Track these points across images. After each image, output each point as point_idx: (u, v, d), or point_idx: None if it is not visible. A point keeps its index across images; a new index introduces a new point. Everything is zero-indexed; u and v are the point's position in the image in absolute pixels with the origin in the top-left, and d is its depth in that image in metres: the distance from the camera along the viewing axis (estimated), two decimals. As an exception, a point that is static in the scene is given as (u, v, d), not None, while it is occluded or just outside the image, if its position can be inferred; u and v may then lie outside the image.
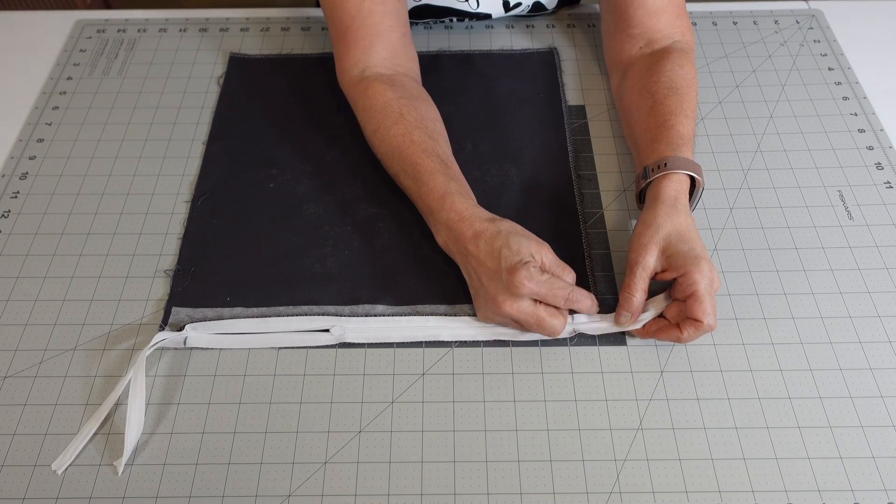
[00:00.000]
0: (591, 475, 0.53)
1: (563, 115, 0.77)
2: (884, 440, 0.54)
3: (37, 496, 0.52)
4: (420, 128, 0.66)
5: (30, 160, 0.74)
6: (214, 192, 0.70)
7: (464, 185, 0.64)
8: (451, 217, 0.60)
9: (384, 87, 0.69)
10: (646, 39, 0.73)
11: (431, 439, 0.55)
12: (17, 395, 0.57)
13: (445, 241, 0.61)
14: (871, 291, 0.63)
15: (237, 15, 0.90)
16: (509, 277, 0.55)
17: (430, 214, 0.62)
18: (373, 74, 0.70)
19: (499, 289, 0.56)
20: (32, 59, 0.85)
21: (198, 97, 0.80)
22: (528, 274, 0.55)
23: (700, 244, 0.58)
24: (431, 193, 0.62)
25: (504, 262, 0.56)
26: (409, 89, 0.70)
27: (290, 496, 0.52)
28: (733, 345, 0.60)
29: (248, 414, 0.56)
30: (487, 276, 0.57)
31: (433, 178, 0.62)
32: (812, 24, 0.87)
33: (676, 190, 0.61)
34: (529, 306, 0.56)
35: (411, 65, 0.74)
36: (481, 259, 0.57)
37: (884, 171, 0.72)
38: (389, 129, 0.66)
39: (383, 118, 0.67)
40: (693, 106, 0.67)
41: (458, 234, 0.59)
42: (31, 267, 0.65)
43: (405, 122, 0.66)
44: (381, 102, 0.68)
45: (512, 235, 0.57)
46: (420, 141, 0.65)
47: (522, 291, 0.55)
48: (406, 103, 0.68)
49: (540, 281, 0.55)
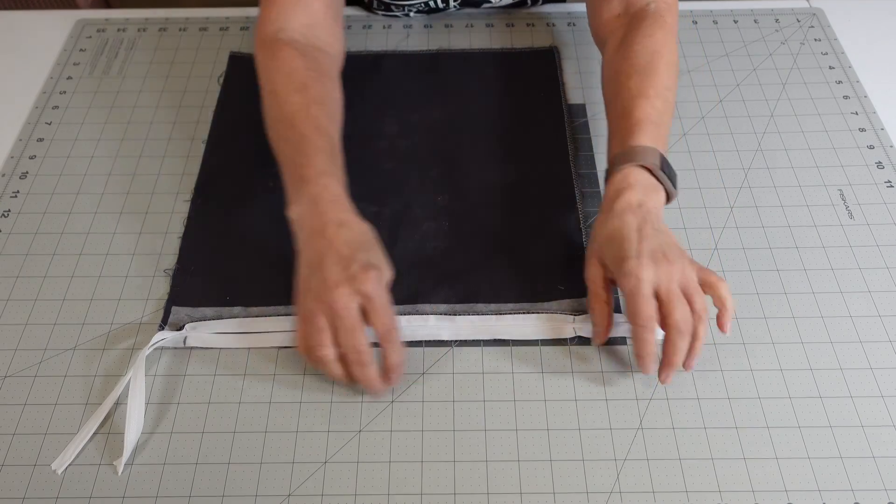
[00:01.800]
0: (591, 475, 0.53)
1: (563, 113, 0.77)
2: (884, 440, 0.54)
3: (37, 496, 0.52)
4: (320, 104, 0.64)
5: (30, 160, 0.74)
6: (214, 192, 0.70)
7: (343, 176, 0.61)
8: (323, 195, 0.57)
9: (295, 53, 0.67)
10: (623, 3, 0.71)
11: (431, 439, 0.55)
12: (17, 395, 0.57)
13: (302, 214, 0.58)
14: (872, 291, 0.63)
15: (237, 14, 0.90)
16: (362, 271, 0.53)
17: (301, 183, 0.59)
18: (287, 38, 0.68)
19: (341, 277, 0.53)
20: (32, 58, 0.85)
21: (198, 96, 0.80)
22: (379, 278, 0.53)
23: (631, 242, 0.55)
24: (311, 167, 0.59)
25: (364, 256, 0.54)
26: (320, 64, 0.68)
27: (289, 496, 0.52)
28: (733, 344, 0.60)
29: (247, 414, 0.56)
30: (333, 261, 0.54)
31: (318, 156, 0.60)
32: (813, 23, 0.87)
33: (617, 189, 0.58)
34: (355, 310, 0.53)
35: (331, 41, 0.71)
36: (336, 244, 0.55)
37: (884, 171, 0.71)
38: (289, 96, 0.64)
39: (286, 83, 0.65)
40: (659, 80, 0.63)
41: (322, 213, 0.56)
42: (31, 267, 0.65)
43: (307, 93, 0.64)
44: (289, 67, 0.65)
45: (380, 247, 0.57)
46: (316, 117, 0.63)
47: (366, 287, 0.52)
48: (313, 76, 0.66)
49: (382, 295, 0.53)
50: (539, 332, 0.60)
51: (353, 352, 0.53)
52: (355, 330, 0.53)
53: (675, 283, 0.54)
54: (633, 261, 0.54)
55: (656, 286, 0.54)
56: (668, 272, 0.54)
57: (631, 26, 0.69)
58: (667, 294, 0.53)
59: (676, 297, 0.53)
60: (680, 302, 0.53)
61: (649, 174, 0.59)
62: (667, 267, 0.54)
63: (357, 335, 0.53)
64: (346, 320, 0.52)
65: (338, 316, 0.52)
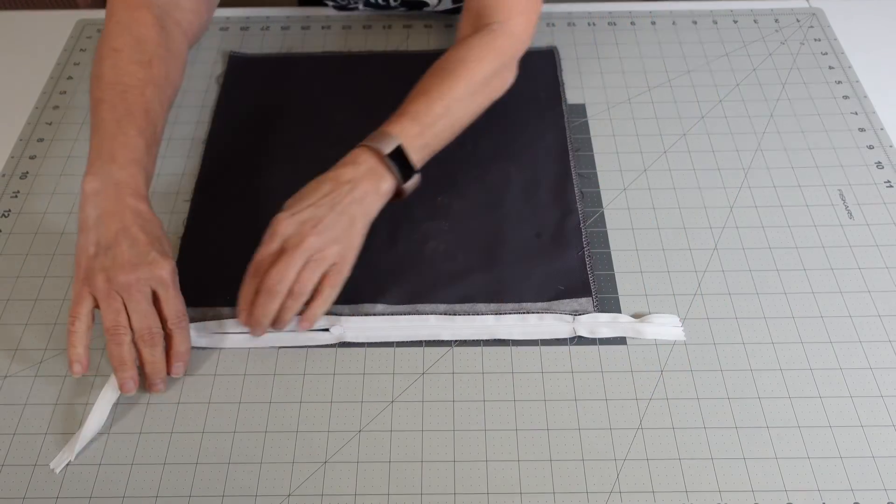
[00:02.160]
0: (591, 475, 0.53)
1: (563, 113, 0.77)
2: (884, 440, 0.54)
3: (37, 496, 0.52)
4: (157, 87, 0.63)
5: (30, 160, 0.74)
6: (214, 192, 0.70)
7: (152, 168, 0.62)
8: (128, 183, 0.58)
9: (152, 19, 0.65)
10: (475, 17, 0.69)
11: (431, 439, 0.55)
12: (17, 395, 0.57)
13: (100, 192, 0.57)
14: (872, 291, 0.63)
15: (237, 14, 0.90)
16: (160, 257, 0.56)
17: (109, 162, 0.58)
18: (148, 1, 0.66)
19: (139, 261, 0.55)
20: (33, 59, 0.85)
21: (197, 96, 0.80)
22: (174, 268, 0.56)
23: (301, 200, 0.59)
24: (126, 150, 0.59)
25: (160, 247, 0.56)
26: (172, 41, 0.67)
27: (289, 496, 0.52)
28: (733, 344, 0.60)
29: (247, 414, 0.56)
30: (129, 244, 0.56)
31: (136, 140, 0.60)
32: (812, 23, 0.87)
33: (342, 162, 0.61)
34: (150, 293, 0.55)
35: (192, 17, 0.70)
36: (134, 231, 0.56)
37: (884, 171, 0.72)
38: (130, 66, 0.63)
39: (132, 50, 0.63)
40: (451, 87, 0.64)
41: (122, 198, 0.57)
42: (31, 267, 0.65)
43: (150, 70, 0.63)
44: (140, 34, 0.64)
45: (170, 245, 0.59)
46: (149, 100, 0.62)
47: (163, 273, 0.55)
48: (162, 54, 0.65)
49: (176, 283, 0.56)
50: (539, 332, 0.60)
51: (148, 333, 0.55)
52: (150, 313, 0.55)
53: (303, 251, 0.55)
54: (283, 213, 0.57)
55: (285, 242, 0.56)
56: (303, 239, 0.56)
57: (464, 37, 0.69)
58: (285, 252, 0.56)
59: (290, 257, 0.55)
60: (290, 264, 0.55)
61: (378, 160, 0.60)
62: (309, 237, 0.56)
63: (151, 317, 0.55)
64: (142, 304, 0.55)
65: (133, 298, 0.54)
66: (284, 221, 0.57)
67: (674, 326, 0.60)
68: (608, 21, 0.88)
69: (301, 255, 0.55)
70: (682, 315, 0.61)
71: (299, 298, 0.56)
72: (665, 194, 0.70)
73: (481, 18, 0.69)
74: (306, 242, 0.56)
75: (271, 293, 0.55)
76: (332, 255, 0.57)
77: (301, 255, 0.55)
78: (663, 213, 0.68)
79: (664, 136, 0.75)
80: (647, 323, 0.60)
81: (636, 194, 0.70)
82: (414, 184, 0.63)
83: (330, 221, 0.57)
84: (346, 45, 0.85)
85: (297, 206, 0.58)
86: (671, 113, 0.77)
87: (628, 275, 0.64)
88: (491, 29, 0.68)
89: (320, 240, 0.56)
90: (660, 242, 0.66)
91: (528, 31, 0.70)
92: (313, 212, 0.57)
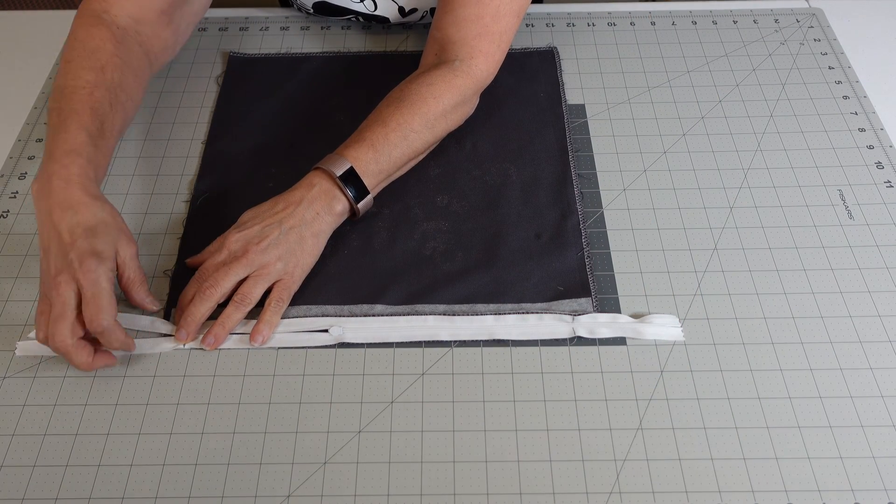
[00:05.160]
0: (591, 475, 0.53)
1: (563, 114, 0.77)
2: (884, 440, 0.54)
3: (37, 496, 0.52)
4: (109, 91, 0.63)
5: (29, 160, 0.74)
6: (214, 192, 0.70)
7: (101, 160, 0.61)
8: (60, 173, 0.57)
9: (110, 36, 0.66)
10: (440, 48, 0.70)
11: (431, 439, 0.55)
12: (17, 395, 0.57)
13: (39, 191, 0.58)
14: (872, 291, 0.63)
15: (236, 14, 0.90)
16: (78, 259, 0.54)
17: (46, 158, 0.59)
18: (109, 20, 0.67)
19: (60, 265, 0.55)
20: (32, 59, 0.85)
21: (197, 97, 0.80)
22: (97, 267, 0.54)
23: (256, 216, 0.62)
24: (64, 143, 0.58)
25: (86, 244, 0.55)
26: (131, 57, 0.67)
27: (289, 496, 0.52)
28: (733, 344, 0.60)
29: (247, 414, 0.56)
30: (55, 247, 0.56)
31: (76, 133, 0.59)
32: (812, 23, 0.87)
33: (297, 184, 0.63)
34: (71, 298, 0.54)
35: (154, 42, 0.70)
36: (59, 229, 0.56)
37: (884, 171, 0.72)
38: (81, 71, 0.63)
39: (84, 58, 0.63)
40: (408, 119, 0.65)
41: (52, 193, 0.57)
42: (32, 267, 0.65)
43: (101, 76, 0.63)
44: (95, 46, 0.64)
45: (114, 229, 0.57)
46: (98, 100, 0.62)
47: (79, 276, 0.54)
48: (118, 64, 0.65)
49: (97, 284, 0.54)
50: (538, 333, 0.60)
51: (51, 341, 0.54)
52: (61, 318, 0.54)
53: (243, 264, 0.59)
54: (233, 229, 0.61)
55: (229, 255, 0.59)
56: (245, 254, 0.59)
57: (426, 65, 0.70)
58: (225, 264, 0.59)
59: (229, 268, 0.58)
60: (228, 273, 0.58)
61: (331, 182, 0.62)
62: (251, 252, 0.59)
63: (59, 325, 0.54)
64: (56, 308, 0.54)
65: (52, 303, 0.54)
66: (232, 236, 0.60)
67: (673, 327, 0.60)
68: (608, 21, 0.88)
69: (241, 267, 0.59)
70: (682, 315, 0.61)
71: (240, 308, 0.59)
72: (665, 195, 0.70)
73: (445, 52, 0.70)
74: (247, 257, 0.59)
75: (203, 297, 0.58)
76: (276, 272, 0.59)
77: (241, 267, 0.59)
78: (663, 213, 0.68)
79: (664, 137, 0.75)
80: (646, 323, 0.60)
81: (636, 195, 0.70)
82: (366, 204, 0.64)
83: (275, 239, 0.59)
84: (346, 46, 0.85)
85: (248, 224, 0.61)
86: (671, 113, 0.77)
87: (628, 275, 0.64)
88: (453, 66, 0.69)
89: (264, 257, 0.59)
90: (659, 243, 0.66)
91: (490, 71, 0.71)
92: (261, 230, 0.60)
